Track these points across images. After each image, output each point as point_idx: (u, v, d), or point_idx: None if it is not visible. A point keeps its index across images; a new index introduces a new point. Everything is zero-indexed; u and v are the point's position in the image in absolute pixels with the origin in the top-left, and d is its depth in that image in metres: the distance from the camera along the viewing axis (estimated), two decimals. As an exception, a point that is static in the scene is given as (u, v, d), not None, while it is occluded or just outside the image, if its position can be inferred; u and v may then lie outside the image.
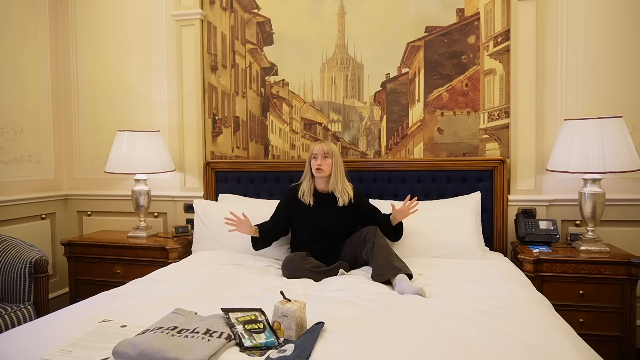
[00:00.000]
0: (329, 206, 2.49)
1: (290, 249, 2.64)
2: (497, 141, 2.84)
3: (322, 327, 1.50)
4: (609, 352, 2.27)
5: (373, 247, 2.26)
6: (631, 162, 2.31)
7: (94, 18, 3.40)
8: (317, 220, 2.48)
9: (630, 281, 2.30)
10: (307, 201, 2.48)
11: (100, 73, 3.41)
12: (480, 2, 2.82)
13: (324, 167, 2.44)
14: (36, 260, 2.41)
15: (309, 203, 2.48)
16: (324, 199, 2.51)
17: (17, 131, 3.14)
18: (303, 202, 2.49)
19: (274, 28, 3.12)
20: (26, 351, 1.42)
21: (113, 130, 3.18)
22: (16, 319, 2.26)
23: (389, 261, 2.15)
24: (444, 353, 1.35)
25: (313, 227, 2.49)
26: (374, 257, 2.22)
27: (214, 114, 3.23)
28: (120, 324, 1.62)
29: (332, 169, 2.46)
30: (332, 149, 2.47)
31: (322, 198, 2.52)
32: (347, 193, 2.47)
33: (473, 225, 2.56)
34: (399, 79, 2.97)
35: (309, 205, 2.48)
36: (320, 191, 2.53)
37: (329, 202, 2.49)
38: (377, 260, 2.18)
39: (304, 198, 2.49)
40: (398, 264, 2.15)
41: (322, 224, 2.48)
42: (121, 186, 3.39)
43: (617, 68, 2.66)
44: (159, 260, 2.84)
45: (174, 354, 1.31)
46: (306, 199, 2.49)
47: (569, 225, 2.75)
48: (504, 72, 2.81)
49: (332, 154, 2.46)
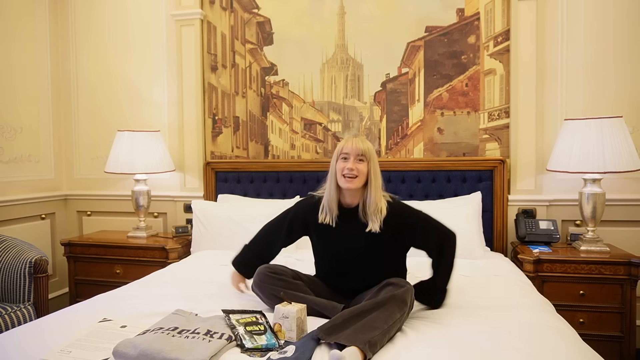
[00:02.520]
0: (357, 228, 1.78)
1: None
2: (497, 141, 2.84)
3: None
4: (609, 352, 2.26)
5: (379, 292, 1.61)
6: (631, 162, 2.31)
7: (94, 18, 3.40)
8: (339, 247, 1.82)
9: (630, 281, 2.30)
10: (327, 220, 1.82)
11: (100, 73, 3.41)
12: (480, 2, 2.82)
13: (358, 173, 1.74)
14: (36, 260, 2.41)
15: (329, 223, 1.82)
16: (350, 216, 1.81)
17: (17, 131, 3.14)
18: (324, 222, 1.83)
19: (273, 28, 3.12)
20: (26, 351, 1.42)
21: (113, 130, 3.18)
22: (16, 319, 2.26)
23: (369, 328, 1.42)
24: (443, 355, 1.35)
25: (333, 257, 1.86)
26: (363, 307, 1.53)
27: (214, 114, 3.23)
28: (120, 324, 1.62)
29: (368, 178, 1.76)
30: (370, 149, 1.78)
31: (348, 216, 1.81)
32: (379, 216, 1.75)
33: (474, 225, 2.56)
34: (399, 79, 2.97)
35: (331, 226, 1.82)
36: (346, 206, 1.83)
37: (357, 222, 1.79)
38: (356, 315, 1.49)
39: (325, 218, 1.82)
40: (376, 339, 1.40)
41: (346, 252, 1.81)
42: (121, 186, 3.38)
43: (617, 68, 2.66)
44: (158, 260, 2.84)
45: (175, 355, 1.30)
46: (327, 218, 1.81)
47: (569, 225, 2.75)
48: (504, 72, 2.81)
49: (370, 157, 1.77)
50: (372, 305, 1.52)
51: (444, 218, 2.54)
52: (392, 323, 1.47)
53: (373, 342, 1.38)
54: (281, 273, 1.79)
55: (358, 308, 1.52)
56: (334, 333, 1.41)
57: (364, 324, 1.44)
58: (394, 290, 1.57)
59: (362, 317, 1.48)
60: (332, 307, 1.67)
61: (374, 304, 1.52)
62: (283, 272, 1.81)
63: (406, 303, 1.56)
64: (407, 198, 2.85)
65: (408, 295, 1.59)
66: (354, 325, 1.44)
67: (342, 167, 1.75)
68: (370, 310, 1.50)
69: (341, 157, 1.77)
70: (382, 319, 1.46)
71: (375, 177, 1.77)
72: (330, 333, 1.42)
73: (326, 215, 1.82)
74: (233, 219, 2.77)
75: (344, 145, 1.77)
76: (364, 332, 1.40)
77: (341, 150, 1.77)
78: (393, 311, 1.50)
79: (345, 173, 1.73)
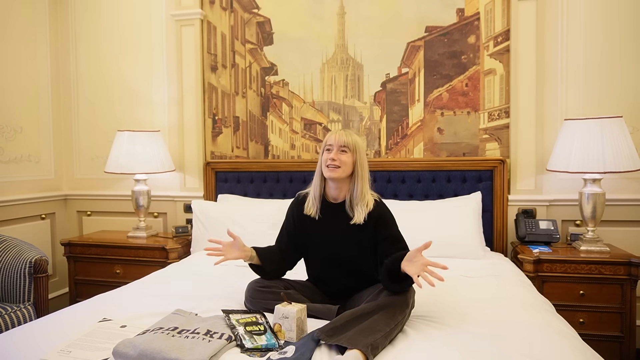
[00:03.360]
0: (342, 222, 1.78)
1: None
2: (497, 141, 2.84)
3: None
4: (609, 352, 2.26)
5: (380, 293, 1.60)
6: (631, 162, 2.31)
7: (93, 18, 3.39)
8: (324, 241, 1.82)
9: (630, 281, 2.30)
10: (311, 212, 1.82)
11: (100, 73, 3.40)
12: (480, 2, 2.82)
13: (341, 164, 1.74)
14: (36, 260, 2.41)
15: (314, 216, 1.82)
16: (336, 212, 1.81)
17: (17, 131, 3.14)
18: (309, 215, 1.83)
19: (273, 28, 3.12)
20: (26, 351, 1.42)
21: (113, 130, 3.18)
22: (16, 319, 2.26)
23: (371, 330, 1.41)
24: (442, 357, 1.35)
25: (320, 252, 1.84)
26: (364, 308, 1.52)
27: (214, 114, 3.23)
28: (120, 324, 1.62)
29: (354, 170, 1.77)
30: (355, 142, 1.77)
31: (335, 211, 1.81)
32: (365, 209, 1.75)
33: (475, 225, 2.56)
34: (399, 79, 2.97)
35: (315, 219, 1.82)
36: (333, 200, 1.84)
37: (342, 216, 1.79)
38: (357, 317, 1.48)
39: (310, 210, 1.83)
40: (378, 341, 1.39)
41: (331, 245, 1.80)
42: (121, 186, 3.38)
43: (617, 68, 2.66)
44: (158, 260, 2.84)
45: (175, 354, 1.30)
46: (311, 209, 1.82)
47: (569, 225, 2.75)
48: (504, 72, 2.81)
49: (355, 149, 1.76)
50: (373, 307, 1.51)
51: (444, 218, 2.58)
52: (393, 325, 1.46)
53: (375, 345, 1.36)
54: (271, 285, 1.78)
55: (359, 310, 1.51)
56: (335, 335, 1.40)
57: (365, 327, 1.42)
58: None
59: (364, 319, 1.47)
60: (327, 310, 1.67)
61: (376, 305, 1.51)
62: (273, 284, 1.80)
63: (408, 305, 1.56)
64: (407, 198, 2.85)
65: (410, 297, 1.59)
66: (356, 328, 1.43)
67: (326, 158, 1.76)
68: (371, 312, 1.49)
69: (326, 149, 1.79)
70: (383, 322, 1.44)
71: (362, 170, 1.77)
72: (331, 335, 1.40)
73: (311, 208, 1.82)
74: (233, 219, 2.77)
75: (328, 137, 1.80)
76: (366, 334, 1.38)
77: (326, 142, 1.80)
78: (395, 313, 1.49)
79: (329, 163, 1.74)
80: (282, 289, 1.75)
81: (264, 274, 1.85)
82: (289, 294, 1.70)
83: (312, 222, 1.83)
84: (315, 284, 1.90)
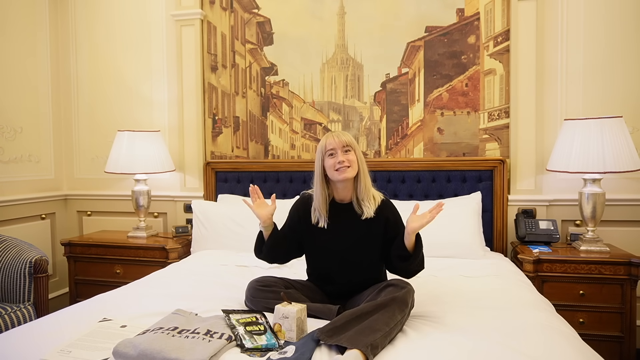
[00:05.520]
0: (352, 219, 1.80)
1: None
2: (497, 141, 2.84)
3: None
4: (609, 352, 2.27)
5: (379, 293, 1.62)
6: (631, 162, 2.31)
7: (94, 18, 3.40)
8: (334, 240, 1.81)
9: (630, 281, 2.30)
10: (320, 224, 1.81)
11: (100, 73, 3.41)
12: (480, 2, 2.82)
13: (350, 163, 1.73)
14: (36, 260, 2.41)
15: (323, 225, 1.81)
16: (345, 211, 1.82)
17: (17, 131, 3.14)
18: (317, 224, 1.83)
19: (273, 28, 3.12)
20: (26, 351, 1.42)
21: (113, 130, 3.18)
22: (16, 319, 2.26)
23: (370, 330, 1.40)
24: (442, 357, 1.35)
25: (329, 252, 1.83)
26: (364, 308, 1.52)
27: (214, 114, 3.23)
28: (120, 324, 1.62)
29: (358, 168, 1.78)
30: (352, 140, 1.78)
31: (343, 210, 1.82)
32: (373, 202, 1.78)
33: (475, 225, 2.56)
34: (399, 79, 2.97)
35: (324, 227, 1.81)
36: (340, 201, 1.84)
37: (352, 214, 1.80)
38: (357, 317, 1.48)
39: (316, 220, 1.82)
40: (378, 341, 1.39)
41: (341, 243, 1.80)
42: (121, 186, 3.39)
43: (617, 68, 2.66)
44: (159, 260, 2.84)
45: (175, 354, 1.31)
46: (319, 220, 1.81)
47: (569, 225, 2.75)
48: (504, 72, 2.81)
49: (354, 147, 1.78)
50: (373, 307, 1.51)
51: (444, 218, 2.55)
52: (393, 325, 1.46)
53: (375, 345, 1.36)
54: (272, 284, 1.79)
55: (359, 310, 1.51)
56: (335, 335, 1.40)
57: (365, 326, 1.42)
58: (395, 292, 1.57)
59: (363, 319, 1.47)
60: (328, 310, 1.67)
61: (375, 305, 1.51)
62: (274, 283, 1.81)
63: (407, 304, 1.57)
64: (407, 198, 2.85)
65: (409, 297, 1.59)
66: (355, 328, 1.43)
67: (333, 163, 1.74)
68: (371, 312, 1.49)
69: (327, 154, 1.76)
70: (383, 321, 1.45)
71: (363, 165, 1.79)
72: (331, 335, 1.40)
73: (317, 218, 1.82)
74: (233, 219, 2.77)
75: (326, 142, 1.77)
76: (366, 334, 1.38)
77: (325, 147, 1.77)
78: (394, 313, 1.49)
79: (338, 167, 1.73)
80: (282, 289, 1.75)
81: (259, 251, 1.89)
82: (289, 293, 1.69)
83: (321, 229, 1.82)
84: (316, 284, 1.90)
